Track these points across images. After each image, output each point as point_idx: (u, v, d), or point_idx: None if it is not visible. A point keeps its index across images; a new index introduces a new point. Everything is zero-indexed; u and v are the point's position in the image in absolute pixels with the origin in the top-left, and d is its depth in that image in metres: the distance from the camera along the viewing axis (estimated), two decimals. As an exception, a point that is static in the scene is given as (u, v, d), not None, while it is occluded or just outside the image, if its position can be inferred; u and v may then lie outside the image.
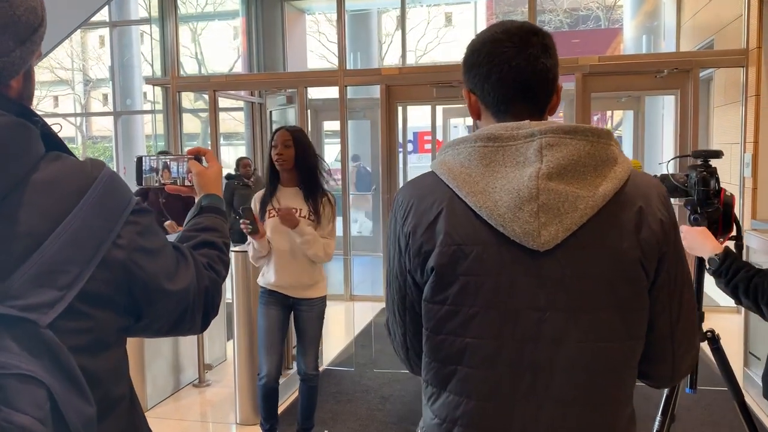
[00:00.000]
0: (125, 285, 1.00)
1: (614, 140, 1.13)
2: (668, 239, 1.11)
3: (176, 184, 1.44)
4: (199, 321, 1.16)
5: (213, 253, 1.26)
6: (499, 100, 1.19)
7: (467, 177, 1.11)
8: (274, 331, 3.29)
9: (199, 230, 1.30)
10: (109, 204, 0.99)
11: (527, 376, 1.09)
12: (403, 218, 1.18)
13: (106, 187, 0.99)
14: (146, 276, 1.03)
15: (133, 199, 1.04)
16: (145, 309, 1.05)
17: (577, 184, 1.07)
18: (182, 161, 1.44)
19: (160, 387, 4.34)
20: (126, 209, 1.01)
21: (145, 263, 1.02)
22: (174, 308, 1.10)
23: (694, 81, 5.93)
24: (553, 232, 1.06)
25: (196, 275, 1.14)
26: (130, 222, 1.01)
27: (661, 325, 1.14)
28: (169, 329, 1.13)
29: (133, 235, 1.01)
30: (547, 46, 1.18)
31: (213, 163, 1.44)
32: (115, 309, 1.01)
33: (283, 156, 3.18)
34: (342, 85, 6.77)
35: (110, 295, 0.98)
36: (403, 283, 1.21)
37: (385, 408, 4.11)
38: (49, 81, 21.08)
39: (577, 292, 1.08)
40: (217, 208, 1.38)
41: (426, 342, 1.18)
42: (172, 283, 1.07)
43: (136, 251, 1.01)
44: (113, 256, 0.98)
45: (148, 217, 1.06)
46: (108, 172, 1.01)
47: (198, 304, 1.14)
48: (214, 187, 1.41)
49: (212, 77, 7.66)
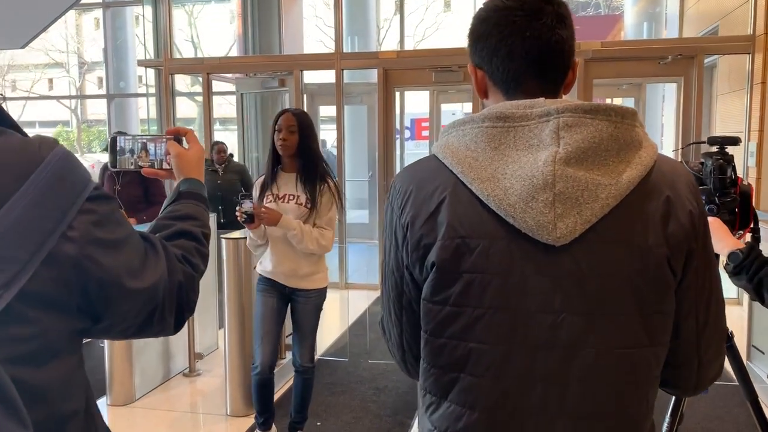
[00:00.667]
0: (77, 283, 0.87)
1: (639, 121, 1.00)
2: (698, 234, 0.99)
3: (153, 167, 1.31)
4: (171, 321, 1.02)
5: (190, 244, 1.13)
6: (509, 76, 1.06)
7: (473, 161, 0.99)
8: (269, 320, 3.17)
9: (175, 218, 1.17)
10: (58, 190, 0.85)
11: (539, 386, 0.97)
12: (400, 207, 1.06)
13: (55, 170, 0.85)
14: (103, 273, 0.89)
15: (91, 183, 0.90)
16: (104, 310, 0.92)
17: (598, 170, 0.95)
18: (160, 142, 1.31)
19: (148, 376, 4.22)
20: (80, 196, 0.87)
21: (101, 258, 0.89)
22: (140, 308, 0.96)
23: (698, 68, 5.80)
24: (571, 224, 0.94)
25: (167, 270, 1.00)
26: (85, 210, 0.87)
27: (687, 330, 1.02)
28: (135, 331, 0.99)
29: (88, 225, 0.87)
30: (562, 16, 1.05)
31: (194, 145, 1.30)
32: (66, 311, 0.87)
33: (287, 142, 3.05)
34: (338, 68, 6.62)
35: (58, 295, 0.85)
36: (399, 280, 1.08)
37: (380, 399, 4.01)
38: (44, 63, 20.84)
39: (596, 293, 0.95)
40: (197, 193, 1.24)
41: (425, 346, 1.05)
42: (137, 280, 0.94)
43: (90, 244, 0.87)
44: (62, 251, 0.84)
45: (107, 204, 0.92)
46: (60, 153, 0.87)
47: (170, 302, 1.00)
48: (194, 170, 1.27)
49: (206, 59, 7.51)
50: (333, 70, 6.67)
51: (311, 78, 8.35)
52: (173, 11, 7.34)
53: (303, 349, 3.25)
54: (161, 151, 1.31)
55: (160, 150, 1.31)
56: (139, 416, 3.90)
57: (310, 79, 8.18)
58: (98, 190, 0.91)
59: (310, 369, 3.29)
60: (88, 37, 20.59)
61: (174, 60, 7.21)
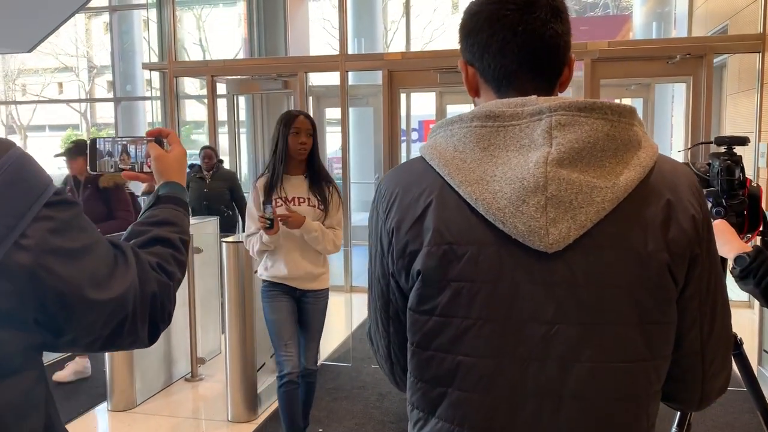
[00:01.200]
0: (33, 296, 0.81)
1: (638, 119, 0.94)
2: (701, 239, 0.93)
3: (134, 170, 1.26)
4: (143, 333, 0.96)
5: (166, 251, 1.07)
6: (500, 73, 1.00)
7: (461, 163, 0.93)
8: (288, 324, 3.10)
9: (152, 224, 1.11)
10: (12, 195, 0.79)
11: (531, 402, 0.91)
12: (385, 212, 1.00)
13: (8, 175, 0.79)
14: (61, 284, 0.83)
15: (50, 188, 0.84)
16: (66, 323, 0.86)
17: (593, 172, 0.89)
18: (141, 144, 1.26)
19: (149, 381, 4.19)
20: (36, 201, 0.81)
21: (59, 268, 0.83)
22: (106, 320, 0.90)
23: (707, 67, 5.71)
24: (564, 230, 0.88)
25: (138, 279, 0.94)
26: (42, 217, 0.82)
27: (691, 341, 0.96)
28: (104, 344, 0.93)
29: (44, 233, 0.82)
30: (557, 9, 0.99)
31: (176, 147, 1.25)
32: (20, 326, 0.81)
33: (306, 145, 3.05)
34: (343, 70, 6.57)
35: (11, 309, 0.79)
36: (386, 288, 1.03)
37: (383, 406, 3.95)
38: (54, 68, 20.94)
39: (592, 302, 0.89)
40: (177, 198, 1.19)
41: (411, 358, 1.00)
42: (101, 290, 0.87)
43: (46, 254, 0.82)
44: (15, 260, 0.79)
45: (68, 210, 0.87)
46: (15, 155, 0.81)
47: (141, 313, 0.94)
48: (175, 174, 1.22)
49: (210, 62, 7.49)
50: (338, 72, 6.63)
51: (318, 80, 8.32)
52: (181, 15, 7.33)
53: (309, 352, 3.20)
54: (142, 154, 1.26)
55: (140, 152, 1.27)
56: (140, 422, 3.86)
57: (316, 81, 8.15)
58: (59, 194, 0.85)
59: (314, 372, 3.25)
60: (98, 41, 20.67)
61: (178, 63, 7.20)
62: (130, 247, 0.99)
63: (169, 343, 4.38)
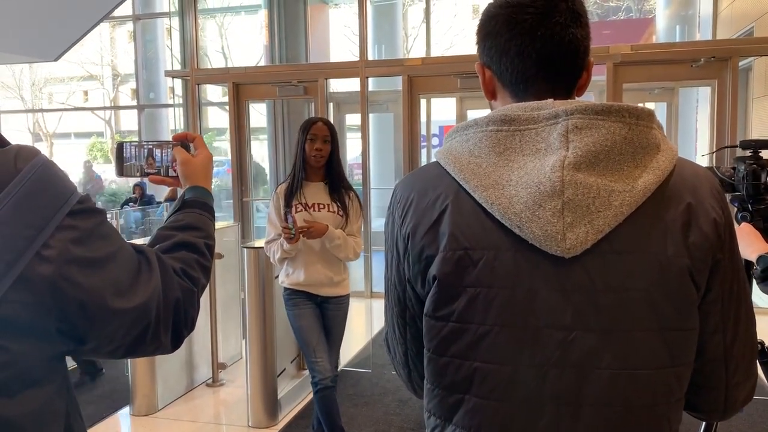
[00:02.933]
0: (55, 307, 0.79)
1: (657, 122, 0.93)
2: (723, 243, 0.91)
3: (159, 174, 1.27)
4: (166, 340, 0.95)
5: (191, 256, 1.05)
6: (518, 77, 0.99)
7: (477, 168, 0.92)
8: (316, 329, 3.11)
9: (177, 229, 1.10)
10: (34, 205, 0.77)
11: (549, 409, 0.89)
12: (401, 217, 0.99)
13: (33, 184, 0.78)
14: (83, 294, 0.81)
15: (74, 196, 0.83)
16: (88, 332, 0.84)
17: (611, 175, 0.88)
18: (167, 148, 1.27)
19: (171, 386, 4.21)
20: (59, 210, 0.80)
21: (81, 278, 0.81)
22: (128, 328, 0.88)
23: (732, 70, 5.63)
24: (581, 234, 0.86)
25: (162, 286, 0.93)
26: (65, 227, 0.80)
27: (713, 348, 0.94)
28: (126, 351, 0.92)
29: (66, 243, 0.80)
30: (577, 13, 0.98)
31: (202, 151, 1.24)
32: (42, 336, 0.80)
33: (321, 152, 3.06)
34: (363, 76, 6.59)
35: (33, 320, 0.78)
36: (402, 294, 1.02)
37: (403, 412, 3.93)
38: (79, 76, 21.30)
39: (611, 308, 0.88)
40: (203, 202, 1.18)
41: (428, 364, 0.99)
42: (124, 299, 0.86)
43: (68, 264, 0.80)
44: (36, 272, 0.77)
45: (92, 218, 0.85)
46: (39, 163, 0.80)
47: (164, 320, 0.93)
48: (201, 178, 1.21)
49: (231, 69, 7.55)
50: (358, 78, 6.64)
51: (338, 86, 8.34)
52: (204, 23, 7.41)
53: (330, 357, 3.20)
54: (168, 158, 1.26)
55: (166, 156, 1.27)
56: (162, 427, 3.89)
57: (337, 87, 8.18)
58: (83, 203, 0.84)
59: (335, 378, 3.25)
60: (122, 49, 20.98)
61: (200, 70, 7.27)
62: (155, 252, 0.97)
63: (191, 348, 4.41)
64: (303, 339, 3.11)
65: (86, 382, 4.45)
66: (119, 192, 13.70)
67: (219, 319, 4.56)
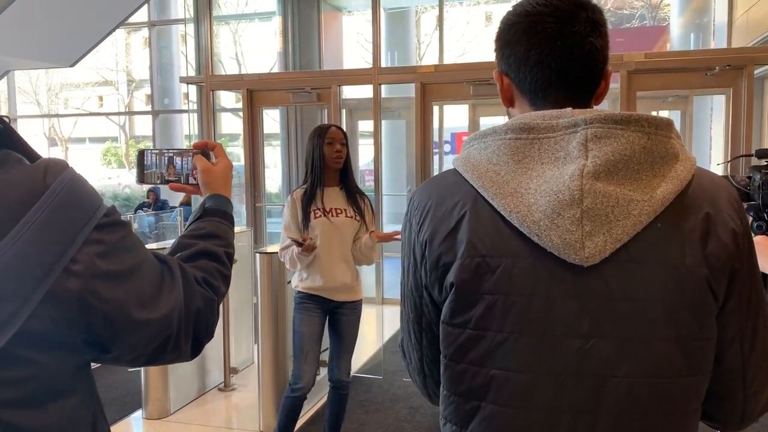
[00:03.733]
0: (81, 320, 0.80)
1: (675, 132, 0.93)
2: (741, 253, 0.91)
3: (180, 181, 1.28)
4: (186, 349, 0.96)
5: (212, 265, 1.06)
6: (537, 85, 1.00)
7: (495, 175, 0.93)
8: (313, 339, 3.15)
9: (198, 237, 1.10)
10: (62, 220, 0.78)
11: (566, 418, 0.90)
12: (419, 224, 1.00)
13: (61, 199, 0.78)
14: (109, 308, 0.82)
15: (100, 210, 0.83)
16: (112, 343, 0.85)
17: (629, 185, 0.88)
18: (187, 156, 1.28)
19: (183, 390, 4.23)
20: (87, 225, 0.80)
21: (107, 292, 0.82)
22: (151, 339, 0.89)
23: (748, 79, 5.59)
24: (600, 243, 0.87)
25: (184, 296, 0.93)
26: (92, 241, 0.81)
27: (731, 358, 0.94)
28: (147, 360, 0.93)
29: (92, 257, 0.80)
30: (597, 23, 0.99)
31: (222, 159, 1.26)
32: (69, 348, 0.81)
33: (341, 153, 3.11)
34: (376, 83, 6.61)
35: (60, 334, 0.79)
36: (419, 301, 1.03)
37: (414, 419, 3.93)
38: (94, 82, 21.53)
39: (628, 317, 0.88)
40: (223, 211, 1.19)
41: (444, 371, 0.99)
42: (148, 310, 0.87)
43: (94, 278, 0.80)
44: (64, 287, 0.77)
45: (117, 231, 0.85)
46: (67, 178, 0.80)
47: (185, 330, 0.94)
48: (221, 186, 1.22)
49: (246, 76, 7.60)
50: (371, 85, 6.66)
51: (351, 93, 8.37)
52: (218, 29, 7.47)
53: (343, 363, 3.22)
54: (188, 166, 1.28)
55: (186, 164, 1.28)
56: (174, 430, 3.91)
57: (350, 94, 8.21)
58: (109, 215, 0.85)
59: (348, 384, 3.27)
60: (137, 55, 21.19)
61: (215, 76, 7.32)
62: (177, 262, 0.98)
63: (203, 352, 4.40)
64: (299, 344, 3.14)
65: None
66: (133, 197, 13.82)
67: (231, 324, 4.58)
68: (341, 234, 3.09)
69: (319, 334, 3.16)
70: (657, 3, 13.43)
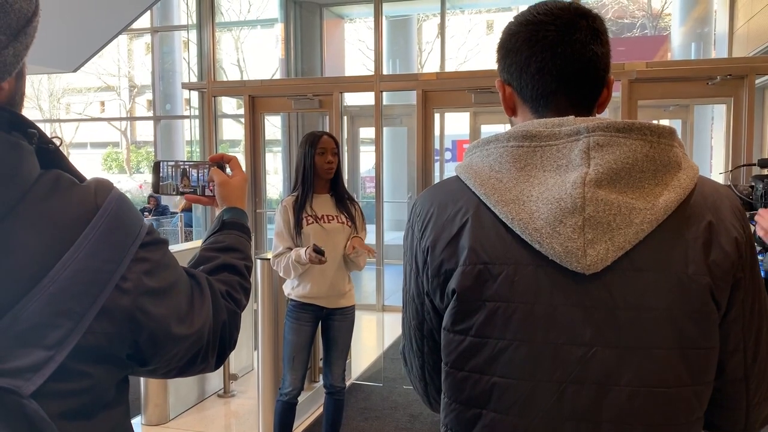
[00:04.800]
0: (129, 336, 0.83)
1: (678, 140, 0.93)
2: (744, 262, 0.91)
3: (196, 193, 1.30)
4: (213, 361, 0.99)
5: (233, 279, 1.09)
6: (538, 93, 1.00)
7: (497, 183, 0.93)
8: (303, 348, 3.16)
9: (218, 250, 1.13)
10: (114, 239, 0.81)
11: (567, 426, 0.89)
12: (421, 231, 1.00)
13: (111, 219, 0.81)
14: (153, 323, 0.85)
15: (143, 228, 0.86)
16: (151, 357, 0.89)
17: (632, 193, 0.88)
18: (203, 168, 1.30)
19: (183, 397, 4.22)
20: (134, 243, 0.83)
21: (153, 309, 0.85)
22: (185, 352, 0.93)
23: (749, 88, 5.61)
24: (602, 251, 0.87)
25: (213, 310, 0.96)
26: (139, 259, 0.84)
27: (734, 367, 0.94)
28: (178, 372, 0.96)
29: (140, 275, 0.83)
30: (597, 31, 0.99)
31: (237, 172, 1.28)
32: (116, 362, 0.84)
33: (332, 164, 3.12)
34: (378, 90, 6.63)
35: (111, 348, 0.81)
36: (420, 307, 1.03)
37: (414, 427, 3.91)
38: (96, 87, 21.59)
39: (630, 325, 0.88)
40: (241, 224, 1.21)
41: (446, 378, 0.99)
42: (185, 326, 0.90)
43: (142, 295, 0.83)
44: (116, 304, 0.80)
45: (160, 249, 0.89)
46: (115, 198, 0.83)
47: (213, 342, 0.96)
48: (237, 199, 1.25)
49: (248, 82, 7.62)
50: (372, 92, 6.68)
51: (352, 100, 8.39)
52: (220, 36, 7.48)
53: (337, 369, 3.22)
54: (204, 178, 1.30)
55: (202, 176, 1.30)
56: (173, 437, 3.89)
57: (351, 101, 8.23)
58: (151, 234, 0.87)
59: (342, 390, 3.27)
60: (139, 61, 21.25)
61: (217, 82, 7.34)
62: (204, 276, 1.00)
63: (203, 358, 4.41)
64: (288, 352, 3.16)
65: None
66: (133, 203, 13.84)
67: (231, 330, 4.57)
68: (334, 240, 3.09)
69: (307, 342, 3.18)
70: (658, 12, 13.49)
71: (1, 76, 0.79)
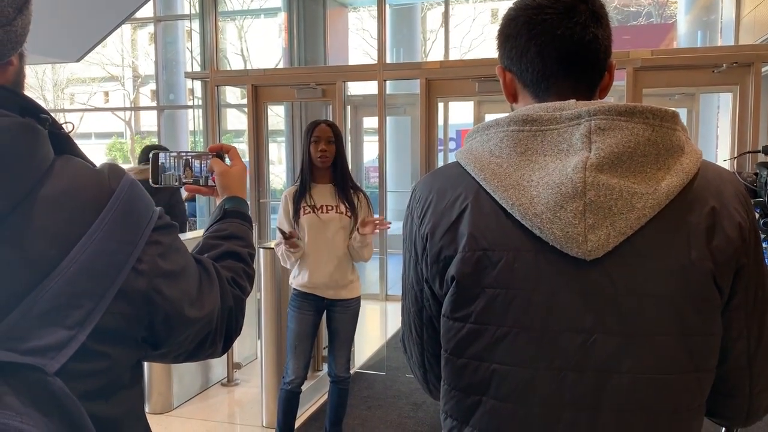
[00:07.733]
0: (145, 317, 0.85)
1: (681, 124, 0.92)
2: (748, 248, 0.90)
3: (198, 184, 1.31)
4: (220, 345, 1.01)
5: (238, 266, 1.11)
6: (539, 77, 0.99)
7: (497, 168, 0.92)
8: (305, 337, 3.18)
9: (222, 238, 1.15)
10: (128, 222, 0.83)
11: (567, 414, 0.89)
12: (420, 217, 0.99)
13: (125, 202, 0.83)
14: (168, 306, 0.87)
15: (155, 213, 0.88)
16: (165, 340, 0.90)
17: (633, 177, 0.87)
18: (203, 159, 1.31)
19: (186, 385, 4.24)
20: (147, 226, 0.85)
21: (167, 291, 0.87)
22: (195, 336, 0.94)
23: (755, 76, 5.55)
24: (603, 236, 0.85)
25: (220, 295, 0.98)
26: (152, 242, 0.85)
27: (737, 355, 0.93)
28: (187, 356, 0.98)
29: (155, 257, 0.85)
30: (597, 14, 0.98)
31: (237, 162, 1.30)
32: (132, 344, 0.85)
33: (326, 152, 3.10)
34: (381, 79, 6.59)
35: (128, 329, 0.83)
36: (419, 294, 1.02)
37: (417, 416, 3.92)
38: (100, 77, 21.57)
39: (632, 312, 0.87)
40: (242, 212, 1.23)
41: (445, 365, 0.98)
42: (196, 308, 0.92)
43: (157, 277, 0.85)
44: (133, 285, 0.82)
45: (171, 233, 0.90)
46: (128, 182, 0.85)
47: (220, 327, 0.99)
48: (238, 188, 1.27)
49: (251, 71, 7.58)
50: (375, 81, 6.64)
51: (356, 89, 8.35)
52: (224, 25, 7.46)
53: (340, 359, 3.23)
54: (204, 168, 1.31)
55: (204, 167, 1.31)
56: (177, 425, 3.91)
57: (355, 90, 8.19)
58: (162, 218, 0.89)
59: (347, 379, 3.28)
60: (142, 51, 21.22)
61: (220, 72, 7.31)
62: (211, 262, 1.02)
63: (206, 347, 4.43)
64: (290, 341, 3.18)
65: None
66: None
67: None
68: (330, 231, 3.09)
69: (309, 331, 3.18)
70: (664, 0, 13.37)
71: (14, 47, 0.81)
